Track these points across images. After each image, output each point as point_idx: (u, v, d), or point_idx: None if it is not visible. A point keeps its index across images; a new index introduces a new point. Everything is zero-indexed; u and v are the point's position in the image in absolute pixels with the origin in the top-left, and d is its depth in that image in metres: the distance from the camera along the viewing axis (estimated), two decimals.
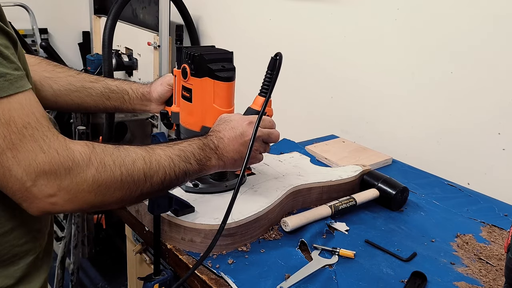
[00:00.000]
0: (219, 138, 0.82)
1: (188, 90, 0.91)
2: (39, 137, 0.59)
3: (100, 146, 0.66)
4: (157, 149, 0.73)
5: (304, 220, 0.94)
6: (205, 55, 0.88)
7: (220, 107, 0.91)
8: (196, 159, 0.77)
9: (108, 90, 1.03)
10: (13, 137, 0.57)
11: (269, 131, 0.87)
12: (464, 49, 1.26)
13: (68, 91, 0.99)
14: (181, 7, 2.21)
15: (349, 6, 1.56)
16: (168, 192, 0.80)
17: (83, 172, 0.61)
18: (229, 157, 0.82)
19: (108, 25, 1.88)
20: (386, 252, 0.90)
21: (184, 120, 0.96)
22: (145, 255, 1.03)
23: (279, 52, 0.87)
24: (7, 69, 0.58)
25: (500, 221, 1.06)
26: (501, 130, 1.21)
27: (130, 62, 2.42)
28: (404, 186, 1.07)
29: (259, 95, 0.90)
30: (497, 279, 0.84)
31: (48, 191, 0.59)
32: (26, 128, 0.58)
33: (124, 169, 0.66)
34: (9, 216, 0.70)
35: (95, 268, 2.35)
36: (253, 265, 0.82)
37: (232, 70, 0.90)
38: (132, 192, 0.68)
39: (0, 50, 0.57)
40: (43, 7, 2.78)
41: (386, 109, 1.50)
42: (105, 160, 0.64)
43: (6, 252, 0.71)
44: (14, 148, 0.57)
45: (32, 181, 0.58)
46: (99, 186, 0.63)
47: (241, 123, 0.83)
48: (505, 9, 1.16)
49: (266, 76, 0.89)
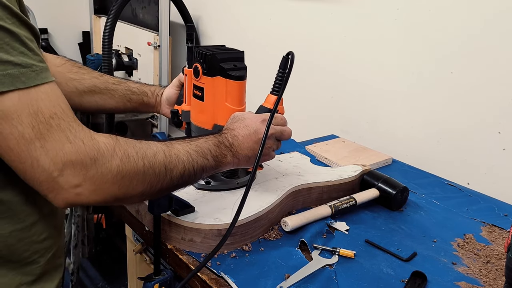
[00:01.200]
0: (234, 136, 0.83)
1: (200, 89, 0.93)
2: (66, 127, 0.59)
3: (123, 138, 0.67)
4: (175, 143, 0.74)
5: (304, 220, 0.94)
6: (217, 55, 0.90)
7: (232, 105, 0.92)
8: (212, 155, 0.78)
9: (130, 92, 1.06)
10: (41, 127, 0.57)
11: (282, 128, 0.89)
12: (464, 48, 1.26)
13: (93, 92, 1.01)
14: (181, 7, 2.21)
15: (349, 6, 1.56)
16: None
17: (108, 162, 0.62)
18: (243, 155, 0.83)
19: (108, 25, 1.88)
20: (386, 252, 0.90)
21: (195, 118, 0.98)
22: (145, 255, 1.03)
23: (291, 51, 0.88)
24: (32, 60, 0.58)
25: (500, 221, 1.06)
26: (501, 129, 1.21)
27: (130, 62, 2.42)
28: (404, 186, 1.07)
29: (271, 93, 0.92)
30: (497, 279, 0.84)
31: (74, 181, 0.59)
32: (53, 118, 0.58)
33: (147, 161, 0.67)
34: (30, 211, 0.70)
35: (95, 268, 2.35)
36: (253, 265, 0.82)
37: (243, 69, 0.92)
38: (153, 185, 0.69)
39: (25, 42, 0.58)
40: (43, 7, 2.77)
41: (386, 109, 1.50)
42: (128, 151, 0.65)
43: (26, 249, 0.71)
44: (42, 138, 0.57)
45: (59, 171, 0.58)
46: (123, 177, 0.64)
47: (254, 121, 0.85)
48: (505, 9, 1.16)
49: (278, 75, 0.90)
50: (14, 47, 0.56)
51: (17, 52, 0.56)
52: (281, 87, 0.89)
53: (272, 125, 0.85)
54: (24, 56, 0.57)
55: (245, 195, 0.78)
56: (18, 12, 0.57)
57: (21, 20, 0.58)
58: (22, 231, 0.70)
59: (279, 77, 0.90)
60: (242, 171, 1.02)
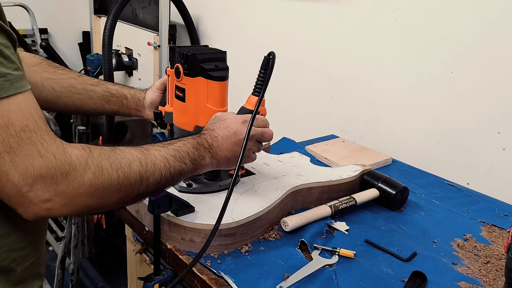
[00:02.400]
0: (213, 136, 0.82)
1: (181, 90, 0.91)
2: (37, 141, 0.57)
3: (97, 149, 0.65)
4: (152, 150, 0.72)
5: (304, 220, 0.94)
6: (198, 55, 0.88)
7: (214, 106, 0.91)
8: (190, 159, 0.77)
9: (108, 94, 1.04)
10: (11, 140, 0.55)
11: (263, 130, 0.87)
12: (464, 49, 1.26)
13: (70, 93, 0.99)
14: (181, 7, 2.21)
15: (349, 6, 1.56)
16: (168, 192, 0.80)
17: (80, 176, 0.60)
18: (222, 156, 0.82)
19: (108, 25, 1.88)
20: (386, 252, 0.90)
21: (177, 119, 0.96)
22: (145, 255, 1.03)
23: (272, 51, 0.87)
24: (7, 69, 0.56)
25: (500, 221, 1.06)
26: (501, 129, 1.21)
27: (130, 62, 2.42)
28: (404, 186, 1.07)
29: (252, 95, 0.90)
30: (497, 279, 0.84)
31: (44, 196, 0.58)
32: (24, 131, 0.56)
33: (121, 172, 0.66)
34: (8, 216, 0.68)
35: (95, 268, 2.35)
36: (253, 265, 0.82)
37: (225, 70, 0.91)
38: (129, 194, 0.68)
39: (1, 50, 0.56)
40: (43, 7, 2.78)
41: (386, 109, 1.50)
42: (102, 164, 0.63)
43: (5, 257, 0.69)
44: (12, 152, 0.55)
45: (29, 186, 0.57)
46: (96, 189, 0.63)
47: (235, 122, 0.83)
48: (505, 9, 1.16)
49: (259, 76, 0.89)
50: None
51: None
52: (262, 88, 0.87)
53: (253, 127, 0.84)
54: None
55: (227, 199, 0.76)
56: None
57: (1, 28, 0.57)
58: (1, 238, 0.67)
59: (261, 78, 0.88)
60: (225, 173, 1.00)
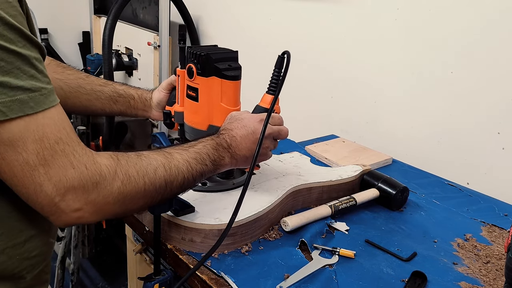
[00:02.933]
0: (232, 136, 0.83)
1: (194, 90, 0.92)
2: (70, 152, 0.59)
3: (124, 157, 0.67)
4: (174, 153, 0.75)
5: (304, 220, 0.94)
6: (212, 55, 0.89)
7: (228, 105, 0.92)
8: (211, 160, 0.79)
9: (116, 94, 1.05)
10: (45, 153, 0.57)
11: (279, 128, 0.89)
12: (464, 49, 1.26)
13: (78, 93, 1.00)
14: (181, 7, 2.21)
15: (349, 6, 1.56)
16: None
17: (110, 185, 0.63)
18: (241, 155, 0.83)
19: (108, 25, 1.88)
20: (386, 252, 0.90)
21: (189, 119, 0.97)
22: (145, 255, 1.03)
23: (287, 50, 0.87)
24: (41, 83, 0.57)
25: (500, 221, 1.06)
26: (501, 129, 1.21)
27: (130, 62, 2.42)
28: (404, 186, 1.07)
29: (266, 93, 0.91)
30: (497, 279, 0.84)
31: (75, 205, 0.60)
32: (58, 144, 0.58)
33: (147, 178, 0.68)
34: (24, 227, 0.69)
35: (95, 268, 2.35)
36: (253, 265, 0.82)
37: (238, 69, 0.92)
38: (154, 198, 0.71)
39: (35, 64, 0.57)
40: (43, 7, 2.78)
41: (386, 109, 1.50)
42: (129, 172, 0.65)
43: (17, 265, 0.69)
44: (46, 164, 0.57)
45: (61, 196, 0.58)
46: (125, 197, 0.65)
47: (252, 121, 0.85)
48: (505, 9, 1.16)
49: (274, 74, 0.89)
50: (24, 70, 0.55)
51: (27, 76, 0.56)
52: (277, 87, 0.89)
53: (270, 125, 0.85)
54: (34, 79, 0.56)
55: (242, 195, 0.78)
56: (29, 33, 0.57)
57: (32, 41, 0.57)
58: (15, 248, 0.68)
59: (275, 77, 0.89)
60: (237, 171, 1.01)
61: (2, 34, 0.53)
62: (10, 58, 0.54)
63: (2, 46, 0.53)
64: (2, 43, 0.53)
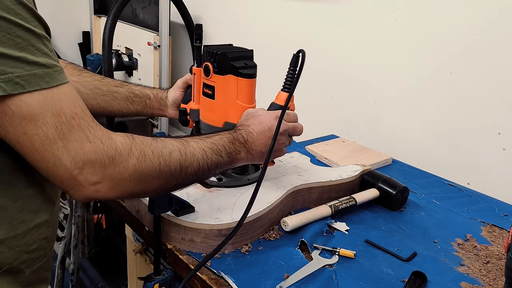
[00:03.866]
0: (248, 132, 0.85)
1: (211, 88, 0.94)
2: (85, 127, 0.61)
3: (140, 137, 0.69)
4: (191, 141, 0.76)
5: (304, 220, 0.94)
6: (228, 53, 0.92)
7: (243, 103, 0.94)
8: (226, 152, 0.80)
9: (132, 95, 1.06)
10: (63, 127, 0.59)
11: (294, 124, 0.92)
12: (464, 49, 1.26)
13: (95, 94, 1.01)
14: (181, 7, 2.21)
15: (349, 6, 1.56)
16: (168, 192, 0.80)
17: (125, 161, 0.64)
18: (257, 151, 0.85)
19: (108, 25, 1.88)
20: (386, 252, 0.90)
21: (205, 116, 0.99)
22: (145, 255, 1.03)
23: (302, 49, 0.90)
24: (54, 61, 0.59)
25: (500, 221, 1.06)
26: (501, 130, 1.21)
27: (130, 62, 2.41)
28: (404, 186, 1.07)
29: (282, 91, 0.93)
30: (497, 279, 0.84)
31: (93, 179, 0.62)
32: (73, 118, 0.60)
33: (162, 159, 0.69)
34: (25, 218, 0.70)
35: (95, 268, 2.35)
36: (253, 265, 0.82)
37: (254, 67, 0.94)
38: (168, 182, 0.72)
39: (46, 44, 0.59)
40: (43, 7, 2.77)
41: (386, 109, 1.50)
42: (145, 151, 0.67)
43: (16, 258, 0.70)
44: (64, 138, 0.59)
45: (79, 169, 0.60)
46: (140, 175, 0.66)
47: (268, 117, 0.87)
48: (505, 9, 1.16)
49: (289, 72, 0.92)
50: (38, 48, 0.58)
51: (41, 53, 0.58)
52: (292, 84, 0.91)
53: (285, 122, 0.88)
54: (47, 57, 0.59)
55: (256, 190, 0.80)
56: (39, 14, 0.59)
57: (41, 21, 0.60)
58: (15, 238, 0.69)
59: (290, 75, 0.92)
60: (251, 167, 1.03)
61: (18, 12, 0.55)
62: (25, 35, 0.56)
63: (18, 24, 0.55)
64: (18, 21, 0.55)
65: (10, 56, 0.55)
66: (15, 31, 0.55)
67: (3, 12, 0.54)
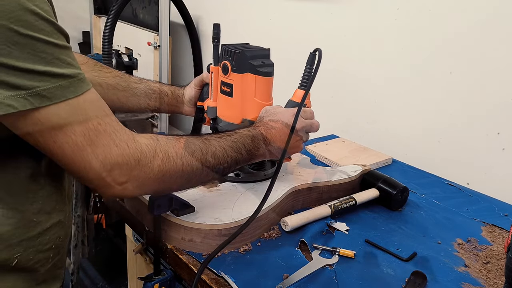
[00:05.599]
0: (267, 129, 0.88)
1: (229, 85, 0.96)
2: (111, 132, 0.64)
3: (163, 138, 0.72)
4: (212, 140, 0.79)
5: (304, 220, 0.94)
6: (246, 52, 0.94)
7: (261, 100, 0.96)
8: (246, 150, 0.83)
9: (151, 91, 1.09)
10: (91, 134, 0.62)
11: (311, 121, 0.95)
12: (464, 49, 1.26)
13: (116, 90, 1.04)
14: (181, 7, 2.21)
15: (350, 5, 1.56)
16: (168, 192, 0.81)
17: (150, 162, 0.68)
18: (276, 147, 0.88)
19: (108, 25, 1.88)
20: (386, 252, 0.90)
21: (223, 113, 1.01)
22: (145, 255, 1.03)
23: (319, 47, 0.92)
24: (77, 69, 0.61)
25: (501, 221, 1.06)
26: (501, 129, 1.21)
27: (130, 62, 2.41)
28: (404, 186, 1.07)
29: (298, 88, 0.96)
30: (497, 279, 0.84)
31: (120, 179, 0.66)
32: (100, 124, 0.63)
33: (185, 160, 0.73)
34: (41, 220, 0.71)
35: (95, 268, 2.35)
36: (253, 265, 0.82)
37: (271, 66, 0.96)
38: (190, 180, 0.76)
39: (68, 54, 0.61)
40: None
41: (386, 109, 1.50)
42: (168, 152, 0.71)
43: (31, 258, 0.71)
44: (92, 144, 0.62)
45: (108, 171, 0.64)
46: (164, 175, 0.70)
47: (286, 115, 0.90)
48: (505, 8, 1.16)
49: (305, 70, 0.95)
50: (62, 60, 0.59)
51: (65, 64, 0.60)
52: (308, 82, 0.93)
53: (302, 119, 0.91)
54: (71, 66, 0.60)
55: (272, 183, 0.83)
56: (59, 26, 0.60)
57: (62, 32, 0.61)
58: (30, 240, 0.70)
59: (307, 73, 0.95)
60: (268, 163, 1.05)
61: (41, 28, 0.57)
62: (50, 50, 0.58)
63: (42, 39, 0.57)
64: (42, 37, 0.57)
65: (36, 71, 0.56)
66: (40, 46, 0.57)
67: (28, 30, 0.55)
